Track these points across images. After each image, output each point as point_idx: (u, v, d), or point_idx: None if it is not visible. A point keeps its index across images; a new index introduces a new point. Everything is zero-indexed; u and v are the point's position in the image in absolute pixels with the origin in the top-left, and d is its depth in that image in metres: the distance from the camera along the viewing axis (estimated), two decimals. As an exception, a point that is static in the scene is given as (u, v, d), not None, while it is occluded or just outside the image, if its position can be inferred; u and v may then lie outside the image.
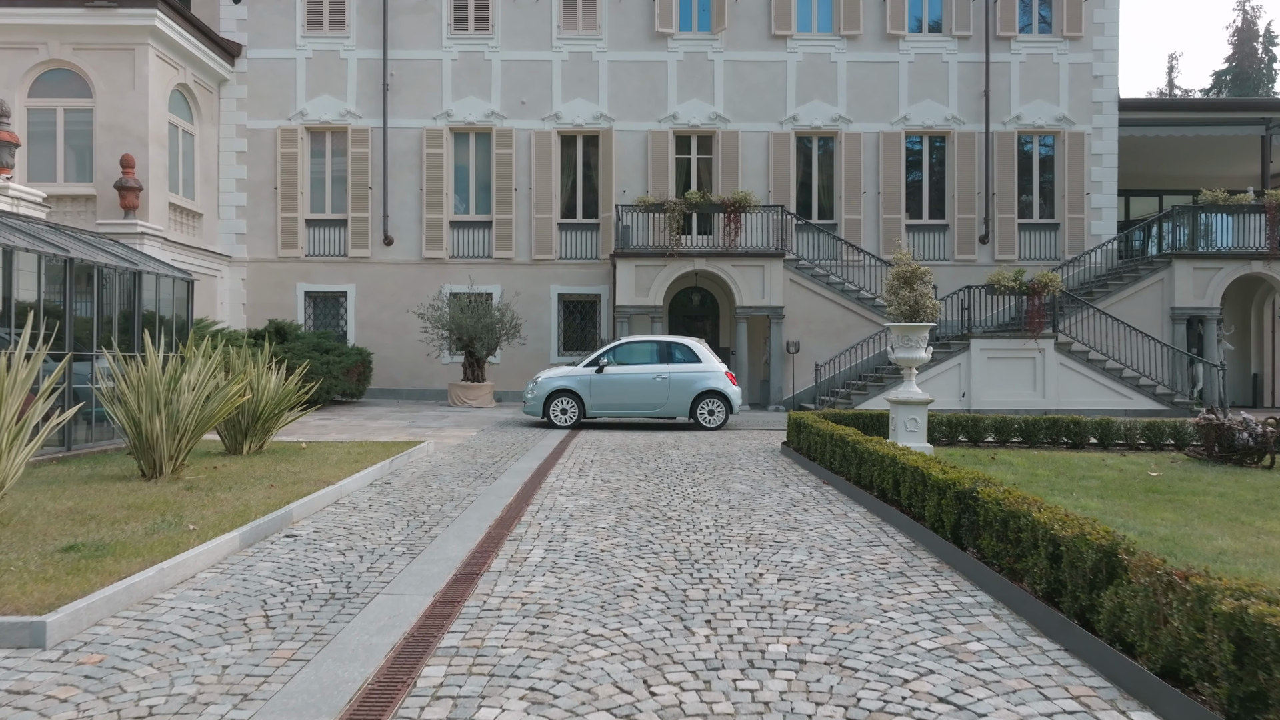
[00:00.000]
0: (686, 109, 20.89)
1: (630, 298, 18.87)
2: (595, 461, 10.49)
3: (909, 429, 10.62)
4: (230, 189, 20.78)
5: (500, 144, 20.82)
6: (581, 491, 8.33)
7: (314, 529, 6.59)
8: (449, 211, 20.98)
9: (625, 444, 12.50)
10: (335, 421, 15.21)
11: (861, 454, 8.04)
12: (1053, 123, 20.99)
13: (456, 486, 8.53)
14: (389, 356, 20.76)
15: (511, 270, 20.90)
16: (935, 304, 10.84)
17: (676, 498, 8.01)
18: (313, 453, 10.07)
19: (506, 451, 11.38)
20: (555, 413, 14.96)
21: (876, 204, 20.96)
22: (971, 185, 20.95)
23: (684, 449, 11.93)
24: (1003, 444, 12.08)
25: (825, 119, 20.94)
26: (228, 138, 20.77)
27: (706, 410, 14.99)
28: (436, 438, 12.90)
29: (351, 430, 13.71)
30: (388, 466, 9.35)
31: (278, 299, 20.83)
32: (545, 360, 20.66)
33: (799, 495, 8.17)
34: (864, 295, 19.65)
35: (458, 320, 18.60)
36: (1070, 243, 20.98)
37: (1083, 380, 17.88)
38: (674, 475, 9.40)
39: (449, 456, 10.75)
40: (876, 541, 6.32)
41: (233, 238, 20.79)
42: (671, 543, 6.21)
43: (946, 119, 20.99)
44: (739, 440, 13.15)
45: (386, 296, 20.81)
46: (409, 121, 20.85)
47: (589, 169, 21.30)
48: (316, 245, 20.99)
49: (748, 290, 18.87)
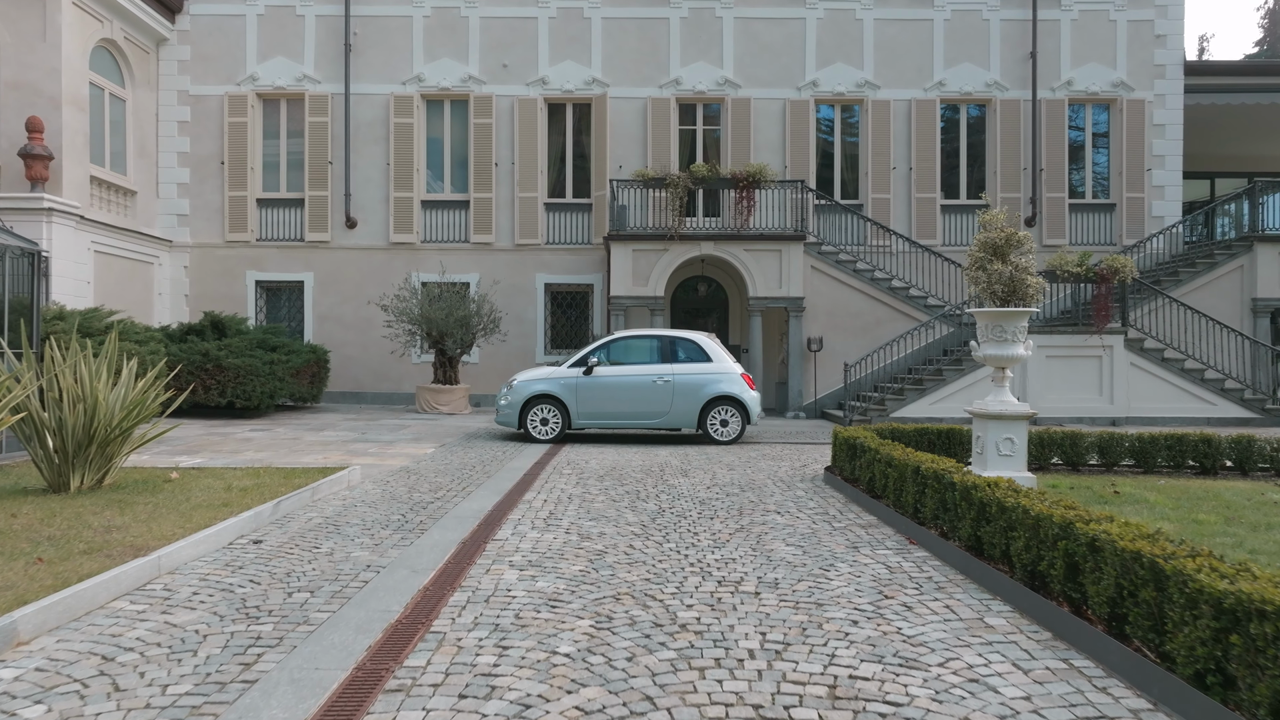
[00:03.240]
0: (691, 73, 17.84)
1: (626, 287, 15.83)
2: (575, 498, 7.45)
3: (1003, 452, 7.58)
4: (170, 164, 17.71)
5: (479, 112, 17.77)
6: (544, 560, 5.29)
7: (40, 663, 3.55)
8: (420, 190, 17.93)
9: (618, 466, 9.46)
10: (266, 434, 12.17)
11: (982, 505, 4.99)
12: (1109, 89, 17.93)
13: (358, 550, 5.49)
14: (352, 355, 17.71)
15: (491, 257, 17.85)
16: (1038, 281, 7.80)
17: (691, 573, 4.98)
18: (178, 487, 7.02)
19: (460, 480, 8.34)
20: (534, 423, 11.92)
21: (908, 181, 17.91)
22: (1016, 160, 17.91)
23: (694, 474, 8.89)
24: (1109, 468, 9.03)
25: (849, 85, 17.89)
26: (167, 105, 17.70)
27: (718, 420, 11.95)
28: (378, 458, 9.85)
29: (277, 446, 10.66)
30: (271, 512, 6.30)
31: (225, 289, 17.78)
32: (530, 359, 17.63)
33: (883, 571, 5.11)
34: (896, 285, 16.61)
35: (426, 313, 15.56)
36: (1129, 225, 17.92)
37: (1156, 383, 14.84)
38: (684, 526, 6.35)
39: (376, 490, 7.71)
40: (1095, 710, 3.27)
41: (173, 220, 17.73)
42: (692, 703, 3.18)
43: (987, 85, 17.93)
44: (763, 461, 10.09)
45: (349, 287, 17.76)
46: (375, 87, 17.80)
47: (580, 142, 18.25)
48: (269, 228, 17.93)
49: (762, 278, 15.84)
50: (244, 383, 14.21)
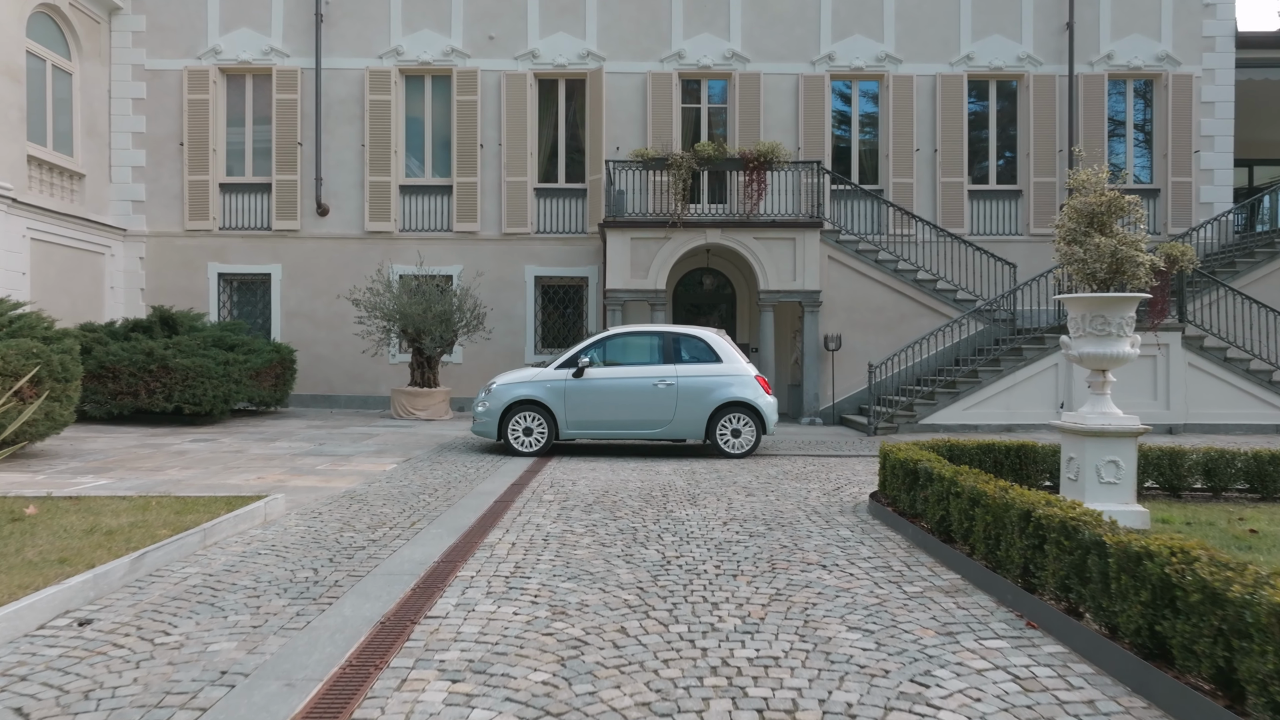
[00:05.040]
0: (695, 46, 16.03)
1: (624, 279, 14.04)
2: (552, 540, 5.64)
3: (1105, 479, 5.78)
4: (124, 145, 15.90)
5: (462, 89, 15.96)
6: (493, 659, 3.48)
7: None
8: (398, 174, 16.12)
9: (611, 489, 7.66)
10: (207, 445, 10.36)
11: (1162, 584, 3.18)
12: (1153, 63, 16.12)
13: (221, 640, 3.68)
14: (323, 355, 15.90)
15: (476, 247, 16.04)
16: (1150, 260, 6.03)
17: (715, 690, 3.16)
18: (25, 528, 5.22)
19: (411, 511, 6.54)
20: (515, 433, 10.12)
21: (932, 165, 16.10)
22: (1051, 141, 16.10)
23: (705, 502, 7.09)
24: (1217, 494, 7.22)
25: (869, 58, 16.08)
26: (121, 81, 15.89)
27: (730, 430, 10.14)
28: (324, 478, 8.05)
29: (211, 462, 8.87)
30: (125, 571, 4.49)
31: (185, 283, 15.97)
32: (519, 360, 15.82)
33: (1012, 687, 3.28)
34: (922, 277, 14.81)
35: (401, 308, 13.77)
36: (1175, 213, 16.12)
37: (1218, 386, 13.06)
38: (697, 590, 4.54)
39: (299, 528, 5.90)
40: None
41: (128, 206, 15.92)
42: None
43: (1019, 59, 16.13)
44: (787, 481, 8.29)
45: (321, 280, 15.95)
46: (349, 61, 16.00)
47: (574, 121, 16.44)
48: (233, 216, 16.13)
49: (774, 270, 14.04)
50: (194, 386, 12.41)
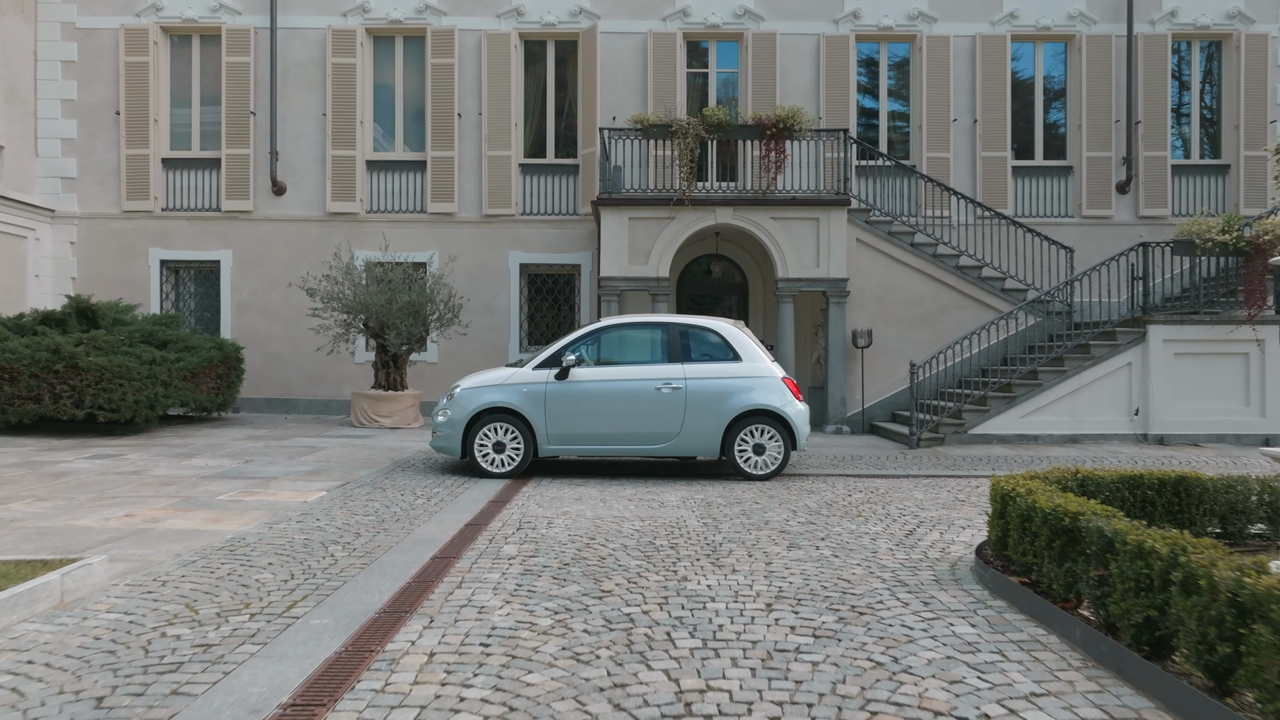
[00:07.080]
0: (702, 2, 13.88)
1: (621, 266, 11.89)
2: (495, 650, 3.47)
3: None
4: (52, 114, 13.74)
5: (438, 51, 13.80)
6: None
7: None
8: (365, 148, 13.96)
9: (599, 535, 5.50)
10: (99, 465, 8.19)
11: None
12: (1222, 21, 13.97)
13: None
14: (280, 353, 13.74)
15: (454, 230, 13.88)
16: None
17: None
18: None
19: (304, 581, 4.38)
20: (482, 450, 7.95)
21: (971, 137, 13.95)
22: (1106, 112, 13.94)
23: (732, 561, 4.92)
24: None
25: (899, 16, 13.93)
26: (48, 41, 13.72)
27: (751, 445, 7.96)
28: (216, 516, 5.89)
29: (93, 487, 6.70)
30: None
31: (123, 271, 13.81)
32: (502, 358, 13.64)
33: None
34: (965, 263, 12.65)
35: (362, 298, 11.62)
36: (1247, 193, 13.96)
37: (1320, 389, 10.91)
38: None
39: (103, 620, 3.74)
40: None
41: (57, 184, 13.75)
42: None
43: (1070, 17, 13.97)
44: (836, 519, 6.11)
45: (277, 268, 13.79)
46: (308, 20, 13.84)
47: (564, 89, 14.28)
48: (178, 195, 13.96)
49: (794, 255, 11.89)
50: (110, 389, 10.25)
